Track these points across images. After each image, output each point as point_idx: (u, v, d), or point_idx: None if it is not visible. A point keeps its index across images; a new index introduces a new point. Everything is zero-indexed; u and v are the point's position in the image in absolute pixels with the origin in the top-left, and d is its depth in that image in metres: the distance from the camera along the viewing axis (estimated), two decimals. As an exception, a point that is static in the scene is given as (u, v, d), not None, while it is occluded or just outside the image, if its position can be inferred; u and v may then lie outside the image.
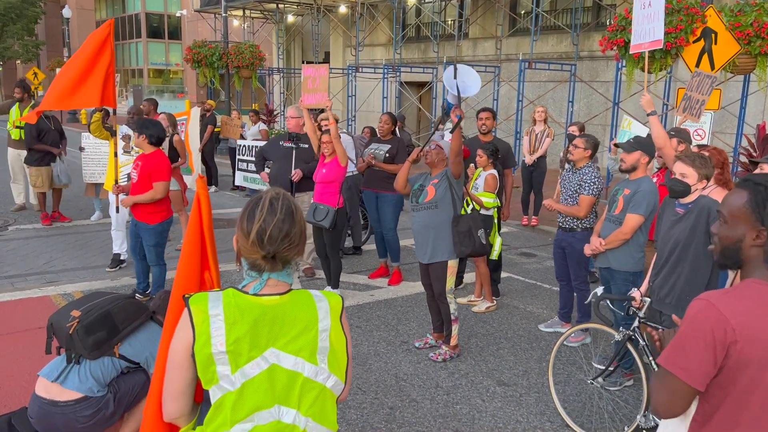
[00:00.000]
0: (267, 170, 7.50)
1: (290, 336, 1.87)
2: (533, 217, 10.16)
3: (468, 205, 6.12)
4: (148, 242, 5.94)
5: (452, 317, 5.15)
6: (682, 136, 5.46)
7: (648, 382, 3.90)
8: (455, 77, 4.91)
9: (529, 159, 9.62)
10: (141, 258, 6.15)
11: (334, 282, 6.46)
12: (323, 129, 7.11)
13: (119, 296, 3.45)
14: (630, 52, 7.82)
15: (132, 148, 7.49)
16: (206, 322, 1.82)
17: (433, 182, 5.08)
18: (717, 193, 4.34)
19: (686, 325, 1.74)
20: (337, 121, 7.05)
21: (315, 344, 1.89)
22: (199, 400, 1.97)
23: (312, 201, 6.34)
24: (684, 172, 3.88)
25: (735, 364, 1.68)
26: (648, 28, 6.40)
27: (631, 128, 7.05)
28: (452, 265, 5.10)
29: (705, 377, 1.71)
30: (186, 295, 1.90)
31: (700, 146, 5.51)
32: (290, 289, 1.95)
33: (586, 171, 5.34)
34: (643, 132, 6.65)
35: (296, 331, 1.88)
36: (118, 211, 6.54)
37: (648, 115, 5.05)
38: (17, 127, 9.56)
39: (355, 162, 7.62)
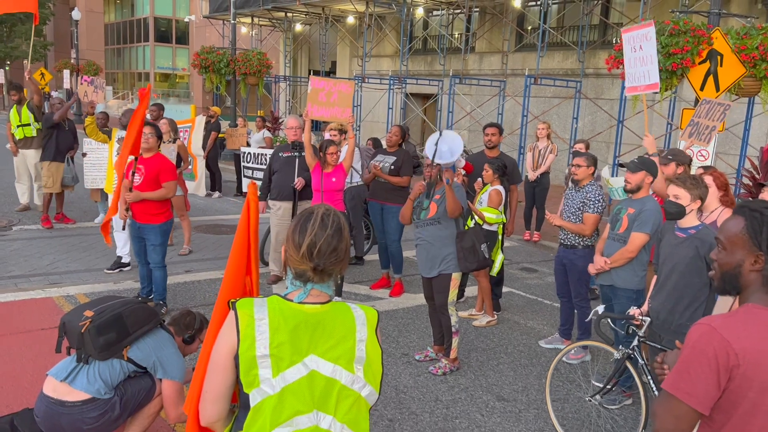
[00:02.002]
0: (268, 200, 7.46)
1: (329, 344, 1.93)
2: (535, 232, 10.20)
3: (471, 219, 6.16)
4: (154, 242, 5.98)
5: (453, 329, 5.18)
6: (680, 158, 5.49)
7: (647, 401, 3.92)
8: (436, 143, 4.97)
9: (532, 175, 9.67)
10: (145, 262, 6.19)
11: (337, 290, 6.51)
12: (330, 140, 7.17)
13: (131, 300, 3.51)
14: (626, 94, 7.97)
15: None
16: (251, 326, 1.89)
17: (435, 198, 5.12)
18: (726, 215, 4.39)
19: (689, 349, 1.77)
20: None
21: (352, 353, 1.95)
22: (233, 402, 2.03)
23: None
24: (677, 194, 3.94)
25: (737, 388, 1.72)
26: (642, 71, 6.51)
27: (613, 183, 6.95)
28: (455, 277, 5.14)
29: (709, 401, 1.74)
30: (231, 300, 1.98)
31: (704, 167, 5.54)
32: (330, 300, 2.02)
33: (590, 189, 5.38)
34: (621, 182, 6.51)
35: (335, 339, 1.94)
36: (124, 228, 6.34)
37: (650, 156, 5.09)
38: (20, 126, 9.62)
39: (360, 173, 7.67)
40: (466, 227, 5.32)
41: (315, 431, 1.91)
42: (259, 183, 10.85)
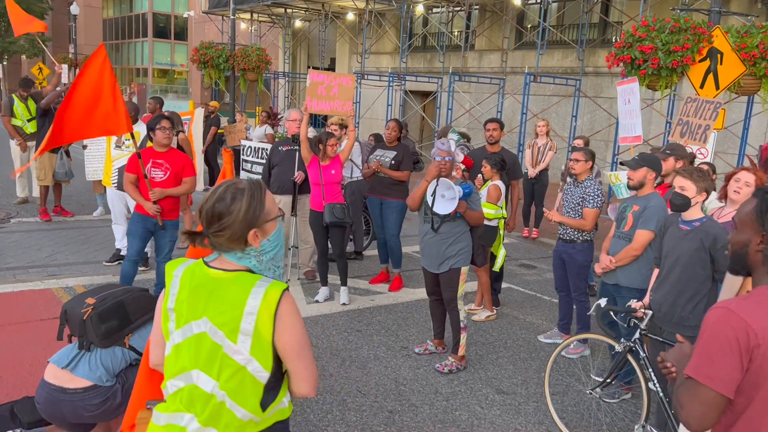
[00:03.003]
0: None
1: (220, 310, 1.98)
2: (534, 229, 10.22)
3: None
4: (172, 237, 6.00)
5: (461, 325, 5.13)
6: (678, 152, 5.48)
7: (648, 394, 3.93)
8: (433, 194, 4.90)
9: (532, 172, 9.69)
10: (137, 261, 6.01)
11: (343, 279, 6.51)
12: (329, 132, 7.17)
13: (133, 288, 3.49)
14: (619, 144, 8.24)
15: (123, 143, 7.48)
16: (170, 281, 2.08)
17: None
18: None
19: (708, 333, 1.74)
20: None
21: (237, 323, 1.96)
22: None
23: (324, 203, 6.35)
24: (683, 185, 3.94)
25: (758, 369, 1.69)
26: (630, 123, 6.70)
27: (621, 179, 6.93)
28: (464, 272, 5.11)
29: (734, 384, 1.71)
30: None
31: (705, 164, 5.56)
32: (244, 271, 2.04)
33: (589, 184, 5.39)
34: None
35: (225, 306, 1.98)
36: (162, 226, 5.92)
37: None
38: (30, 119, 9.57)
39: (360, 168, 7.66)
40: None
41: (193, 390, 1.99)
42: (255, 176, 10.85)
